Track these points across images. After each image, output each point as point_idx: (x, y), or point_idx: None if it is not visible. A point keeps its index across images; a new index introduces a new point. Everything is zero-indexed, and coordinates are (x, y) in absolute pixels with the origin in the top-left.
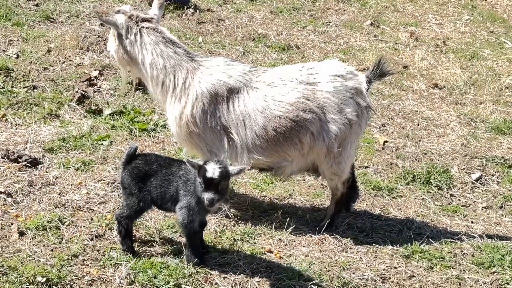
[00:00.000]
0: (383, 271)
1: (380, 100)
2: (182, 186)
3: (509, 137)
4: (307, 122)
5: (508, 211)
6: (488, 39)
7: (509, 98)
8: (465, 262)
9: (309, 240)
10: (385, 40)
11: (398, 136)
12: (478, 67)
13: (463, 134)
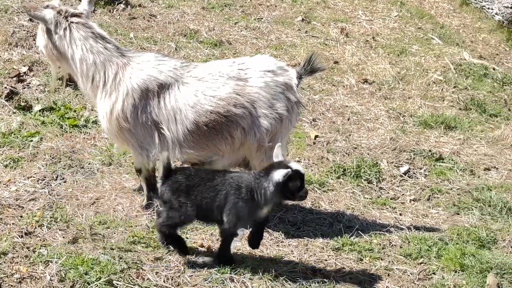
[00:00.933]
0: (314, 263)
1: (311, 95)
2: (234, 193)
3: (436, 131)
4: (238, 117)
5: (435, 203)
6: (416, 35)
7: (436, 93)
8: (393, 254)
9: (241, 235)
10: (316, 36)
11: (329, 131)
12: (406, 63)
13: (392, 128)
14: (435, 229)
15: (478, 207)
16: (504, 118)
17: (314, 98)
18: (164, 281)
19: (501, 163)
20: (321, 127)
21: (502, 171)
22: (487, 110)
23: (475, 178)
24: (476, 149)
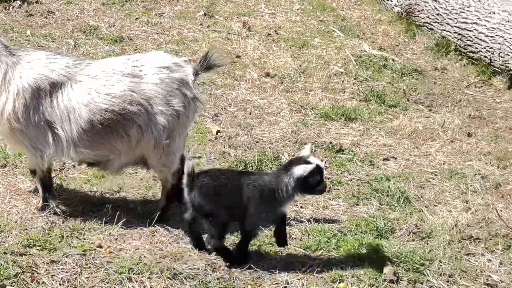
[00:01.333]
0: (214, 259)
1: (213, 90)
2: (257, 195)
3: (337, 123)
4: (133, 115)
5: (335, 194)
6: (318, 28)
7: (337, 85)
8: (293, 247)
9: (140, 233)
10: (218, 30)
11: (230, 126)
12: (308, 56)
13: (293, 121)
14: (335, 221)
15: (376, 197)
16: (402, 108)
17: (216, 93)
18: (60, 283)
19: (399, 153)
20: (223, 122)
21: (400, 161)
22: (387, 101)
23: (374, 169)
24: (375, 139)
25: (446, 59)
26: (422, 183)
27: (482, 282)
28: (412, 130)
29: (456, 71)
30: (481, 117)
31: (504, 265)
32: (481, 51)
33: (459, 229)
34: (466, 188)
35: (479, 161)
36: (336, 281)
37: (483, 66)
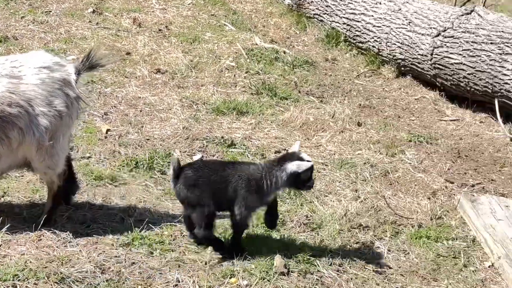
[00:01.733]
0: (103, 261)
1: (103, 88)
2: (244, 186)
3: (228, 117)
4: (13, 117)
5: None
6: (209, 22)
7: (228, 79)
8: (184, 244)
9: (26, 238)
10: (107, 27)
11: (121, 124)
12: (199, 50)
13: (185, 117)
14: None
15: None
16: (294, 100)
17: (105, 91)
18: None
19: (291, 145)
20: (113, 121)
21: None
22: (278, 94)
23: None
24: (267, 132)
25: (337, 50)
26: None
27: (371, 269)
28: (303, 121)
29: (346, 61)
30: (370, 106)
31: (392, 251)
32: (370, 41)
33: (349, 218)
34: (356, 177)
35: (369, 150)
36: (227, 276)
37: (372, 56)
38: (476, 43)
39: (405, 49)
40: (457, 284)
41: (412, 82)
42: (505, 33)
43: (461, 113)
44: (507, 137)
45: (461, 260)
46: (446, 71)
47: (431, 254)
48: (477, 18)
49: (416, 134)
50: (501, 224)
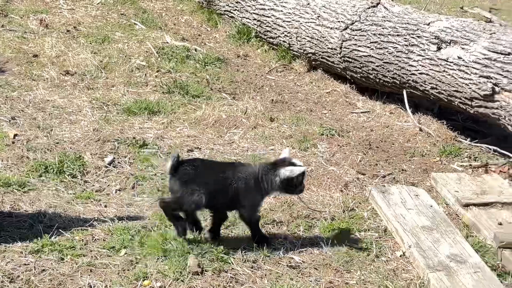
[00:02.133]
0: (12, 270)
1: (10, 92)
2: (244, 187)
3: (140, 117)
4: None
5: (140, 190)
6: (119, 21)
7: (139, 78)
8: (96, 248)
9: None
10: (13, 29)
11: (29, 128)
12: (109, 50)
13: (95, 119)
14: (139, 217)
15: None
16: (206, 98)
17: (12, 95)
18: None
19: (203, 143)
20: (21, 125)
21: (205, 151)
22: (190, 92)
23: None
24: (179, 131)
25: (248, 46)
26: None
27: (285, 264)
28: (215, 119)
29: (258, 57)
30: (283, 101)
31: (305, 245)
32: (280, 36)
33: (262, 214)
34: None
35: (281, 145)
36: (140, 278)
37: (283, 51)
38: (383, 35)
39: (315, 43)
40: (369, 275)
41: (323, 75)
42: (410, 25)
43: (371, 105)
44: (416, 127)
45: (373, 251)
46: (356, 64)
47: (344, 247)
48: (383, 10)
49: (328, 127)
50: (411, 213)
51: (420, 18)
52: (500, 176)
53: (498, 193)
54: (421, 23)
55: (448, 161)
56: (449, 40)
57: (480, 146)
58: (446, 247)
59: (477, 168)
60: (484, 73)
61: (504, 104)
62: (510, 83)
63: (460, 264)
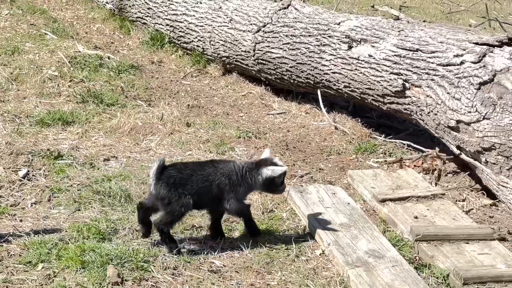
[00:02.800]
0: None
1: None
2: (227, 182)
3: (54, 129)
4: None
5: (56, 202)
6: (29, 32)
7: (52, 89)
8: (12, 264)
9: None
10: None
11: None
12: (20, 62)
13: (7, 132)
14: (56, 230)
15: (98, 199)
16: (121, 106)
17: None
18: None
19: (120, 151)
20: None
21: (122, 159)
22: (104, 100)
23: (95, 171)
24: (95, 141)
25: (162, 52)
26: (144, 179)
27: (206, 269)
28: (131, 126)
29: (172, 62)
30: (199, 105)
31: (226, 249)
32: (194, 41)
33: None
34: None
35: (199, 149)
36: None
37: (198, 56)
38: (295, 36)
39: (228, 47)
40: (290, 275)
41: (238, 78)
42: (321, 25)
43: (287, 105)
44: (332, 125)
45: (293, 251)
46: (270, 66)
47: (264, 248)
48: (294, 12)
49: (245, 130)
50: (329, 212)
51: (330, 18)
52: (414, 170)
53: (413, 187)
54: (332, 23)
55: (364, 158)
56: (360, 38)
57: (395, 142)
58: (364, 243)
59: (392, 163)
60: (394, 70)
61: (414, 99)
62: (419, 79)
63: (378, 259)
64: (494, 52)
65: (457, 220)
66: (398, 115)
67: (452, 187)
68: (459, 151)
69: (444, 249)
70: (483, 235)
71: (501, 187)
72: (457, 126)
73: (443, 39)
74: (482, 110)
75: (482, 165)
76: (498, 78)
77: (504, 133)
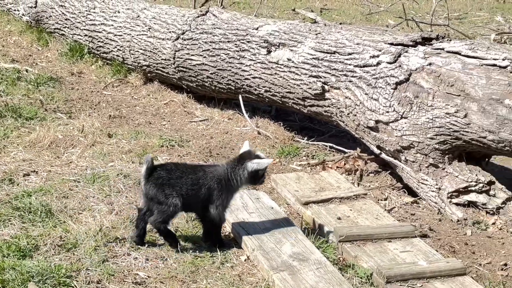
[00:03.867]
0: None
1: None
2: (216, 187)
3: None
4: None
5: None
6: None
7: None
8: None
9: None
10: None
11: None
12: None
13: None
14: None
15: (18, 216)
16: (40, 119)
17: None
18: None
19: (40, 166)
20: None
21: (42, 174)
22: (23, 114)
23: (14, 187)
24: (13, 156)
25: (82, 63)
26: (65, 192)
27: (130, 281)
28: (51, 140)
29: (93, 73)
30: (121, 116)
31: (150, 260)
32: (113, 51)
33: (104, 233)
34: (110, 190)
35: (121, 160)
36: None
37: (118, 65)
38: (214, 42)
39: (148, 55)
40: (215, 283)
41: (160, 87)
42: (240, 30)
43: (210, 112)
44: (255, 130)
45: (218, 258)
46: (190, 73)
47: (189, 257)
48: (212, 18)
49: (168, 139)
50: (253, 217)
51: (248, 23)
52: (337, 171)
53: (335, 188)
54: (250, 28)
55: (287, 161)
56: (278, 43)
57: (317, 144)
58: (288, 247)
59: (315, 166)
60: (313, 72)
61: (334, 101)
62: (338, 81)
63: (303, 262)
64: (409, 52)
65: (379, 219)
66: (319, 117)
67: (374, 186)
68: (379, 150)
69: (367, 248)
70: (405, 233)
71: (421, 185)
72: (376, 126)
73: (360, 41)
74: (400, 109)
75: (402, 163)
76: (413, 77)
77: (422, 131)
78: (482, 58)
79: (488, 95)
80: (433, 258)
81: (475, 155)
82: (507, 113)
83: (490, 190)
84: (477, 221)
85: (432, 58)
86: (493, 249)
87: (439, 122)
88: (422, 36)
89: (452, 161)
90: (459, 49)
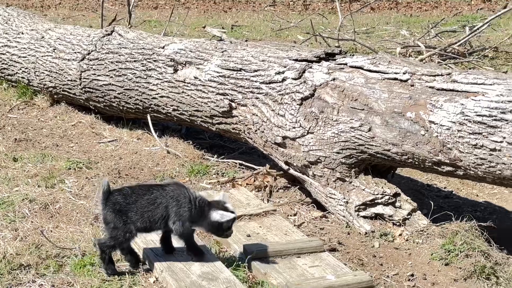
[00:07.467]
0: None
1: None
2: (175, 204)
3: None
4: None
5: None
6: None
7: None
8: None
9: None
10: None
11: None
12: None
13: None
14: None
15: None
16: None
17: None
18: None
19: None
20: None
21: None
22: None
23: None
24: None
25: None
26: None
27: None
28: None
29: None
30: (27, 139)
31: (56, 286)
32: (18, 73)
33: (8, 260)
34: (15, 215)
35: (27, 184)
36: None
37: (23, 87)
38: (120, 62)
39: (54, 77)
40: None
41: (67, 108)
42: (146, 49)
43: (118, 132)
44: (164, 149)
45: (126, 281)
46: (97, 94)
47: (96, 281)
48: (118, 38)
49: (75, 161)
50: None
51: (155, 42)
52: (247, 188)
53: (245, 205)
54: (156, 47)
55: (197, 180)
56: (184, 61)
57: (227, 162)
58: (197, 267)
59: (225, 183)
60: (220, 90)
61: (241, 118)
62: (245, 98)
63: (212, 281)
64: (313, 67)
65: (288, 235)
66: (227, 135)
67: (283, 202)
68: (287, 166)
69: (277, 265)
70: (314, 248)
71: (329, 199)
72: (283, 142)
73: (265, 57)
74: (306, 125)
75: (310, 178)
76: (318, 93)
77: (328, 146)
78: (383, 72)
79: (391, 108)
80: (341, 272)
81: (381, 168)
82: (409, 126)
83: (396, 202)
84: (385, 233)
85: (336, 73)
86: (400, 260)
87: (344, 137)
88: (325, 52)
89: (359, 175)
90: (362, 63)
